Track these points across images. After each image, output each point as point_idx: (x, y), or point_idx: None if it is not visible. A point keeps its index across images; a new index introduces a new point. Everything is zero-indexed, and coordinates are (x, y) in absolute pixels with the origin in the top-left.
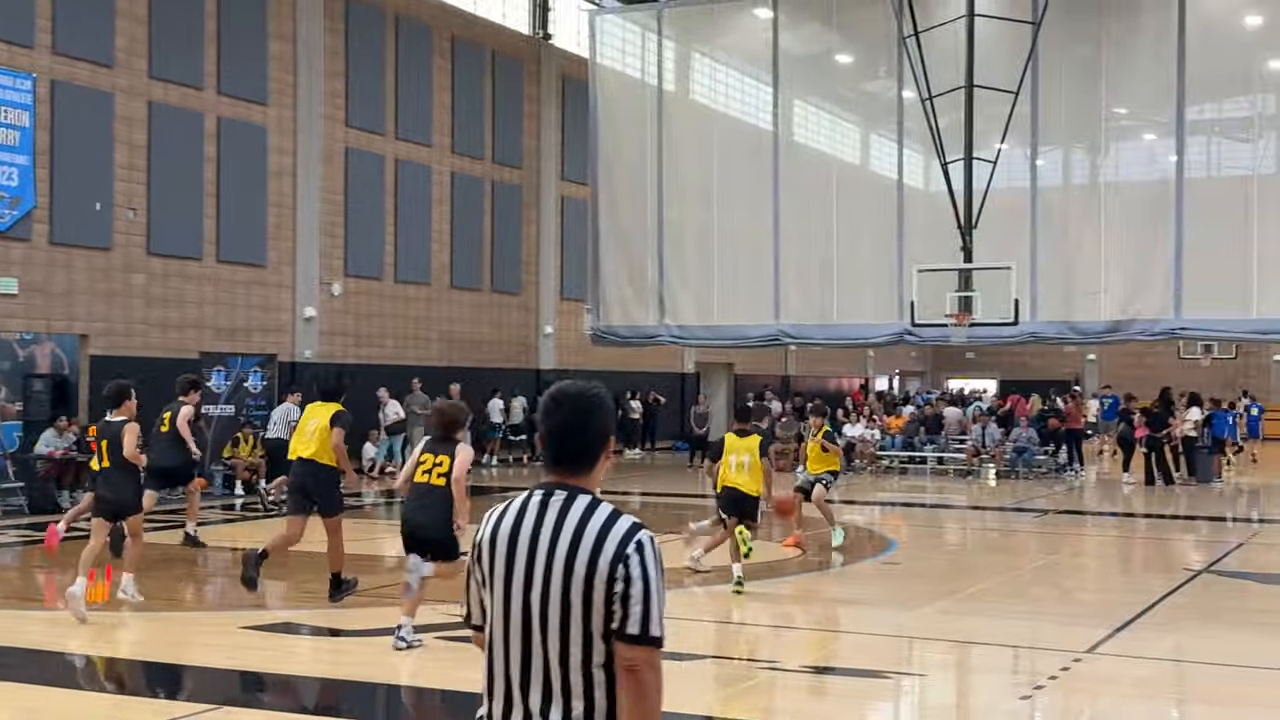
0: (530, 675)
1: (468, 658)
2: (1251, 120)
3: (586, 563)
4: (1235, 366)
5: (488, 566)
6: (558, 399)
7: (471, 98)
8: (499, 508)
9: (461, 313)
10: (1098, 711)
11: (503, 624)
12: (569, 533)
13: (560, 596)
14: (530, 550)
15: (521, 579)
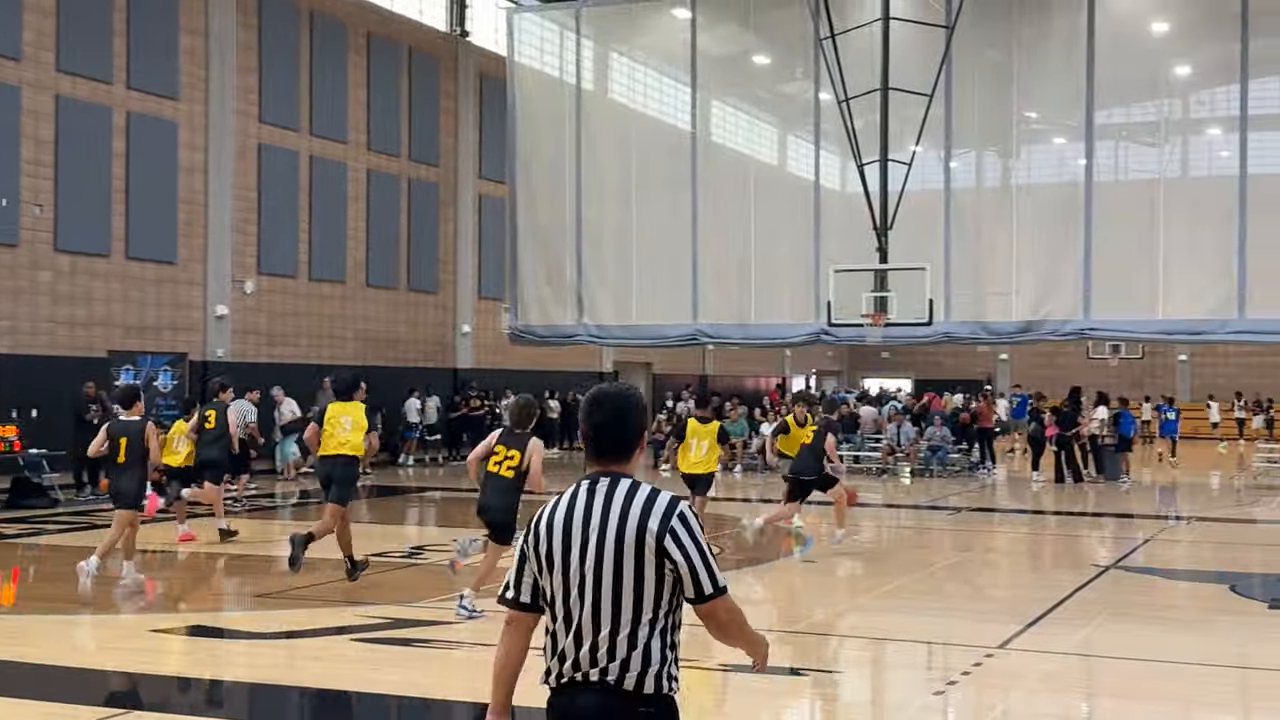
0: (591, 635)
1: (381, 660)
2: (1158, 125)
3: (635, 533)
4: (1142, 367)
5: (545, 550)
6: (599, 399)
7: (387, 95)
8: (550, 502)
9: (377, 311)
10: (1009, 706)
11: (563, 594)
12: (618, 510)
13: (614, 565)
14: (584, 528)
15: (578, 554)
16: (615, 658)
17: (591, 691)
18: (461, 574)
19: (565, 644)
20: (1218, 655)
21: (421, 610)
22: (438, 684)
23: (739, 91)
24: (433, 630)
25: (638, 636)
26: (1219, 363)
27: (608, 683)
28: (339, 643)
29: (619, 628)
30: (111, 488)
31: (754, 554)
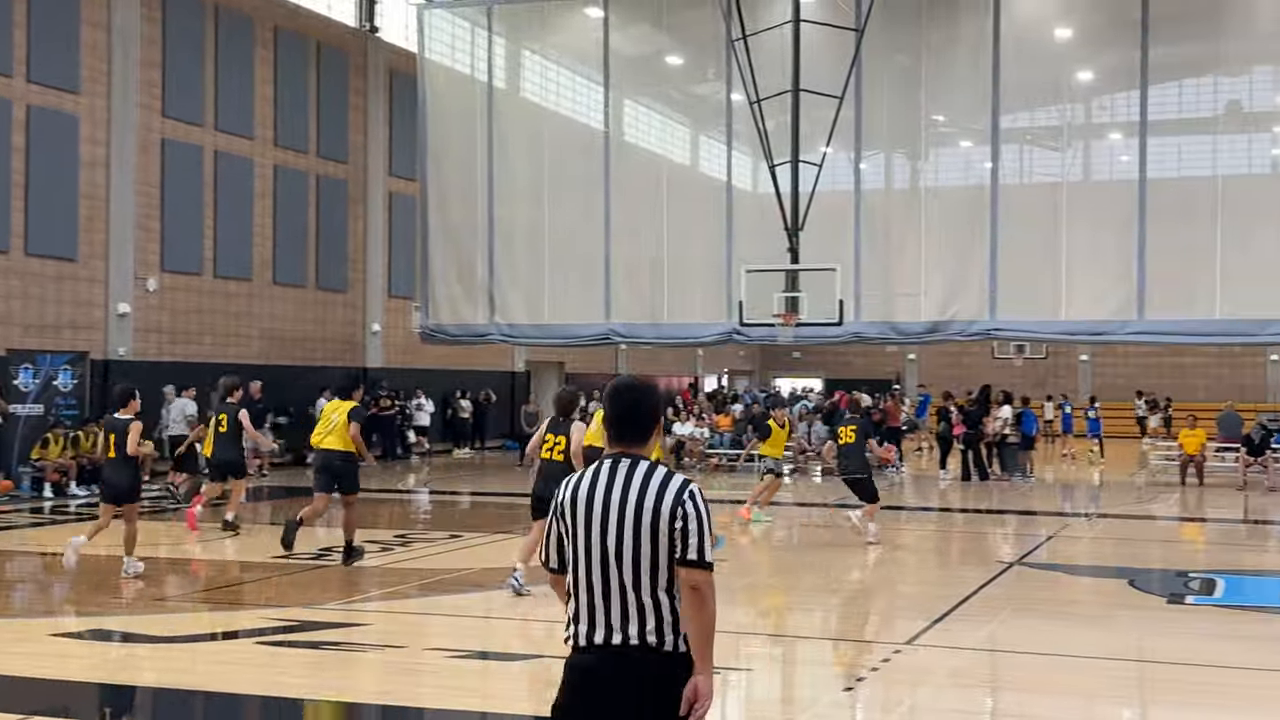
0: (610, 599)
1: (288, 663)
2: (1061, 129)
3: (652, 508)
4: (1046, 366)
5: (569, 520)
6: (619, 390)
7: (295, 90)
8: (573, 476)
9: (285, 310)
10: (917, 702)
11: (585, 562)
12: (636, 488)
13: (633, 536)
14: (605, 503)
15: (599, 526)
16: (635, 619)
17: (614, 650)
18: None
19: (587, 607)
20: (1118, 649)
21: (329, 613)
22: (346, 687)
23: (652, 91)
24: (340, 633)
25: (658, 600)
26: (1119, 363)
27: (629, 641)
28: (244, 646)
29: (639, 592)
30: (108, 482)
31: None
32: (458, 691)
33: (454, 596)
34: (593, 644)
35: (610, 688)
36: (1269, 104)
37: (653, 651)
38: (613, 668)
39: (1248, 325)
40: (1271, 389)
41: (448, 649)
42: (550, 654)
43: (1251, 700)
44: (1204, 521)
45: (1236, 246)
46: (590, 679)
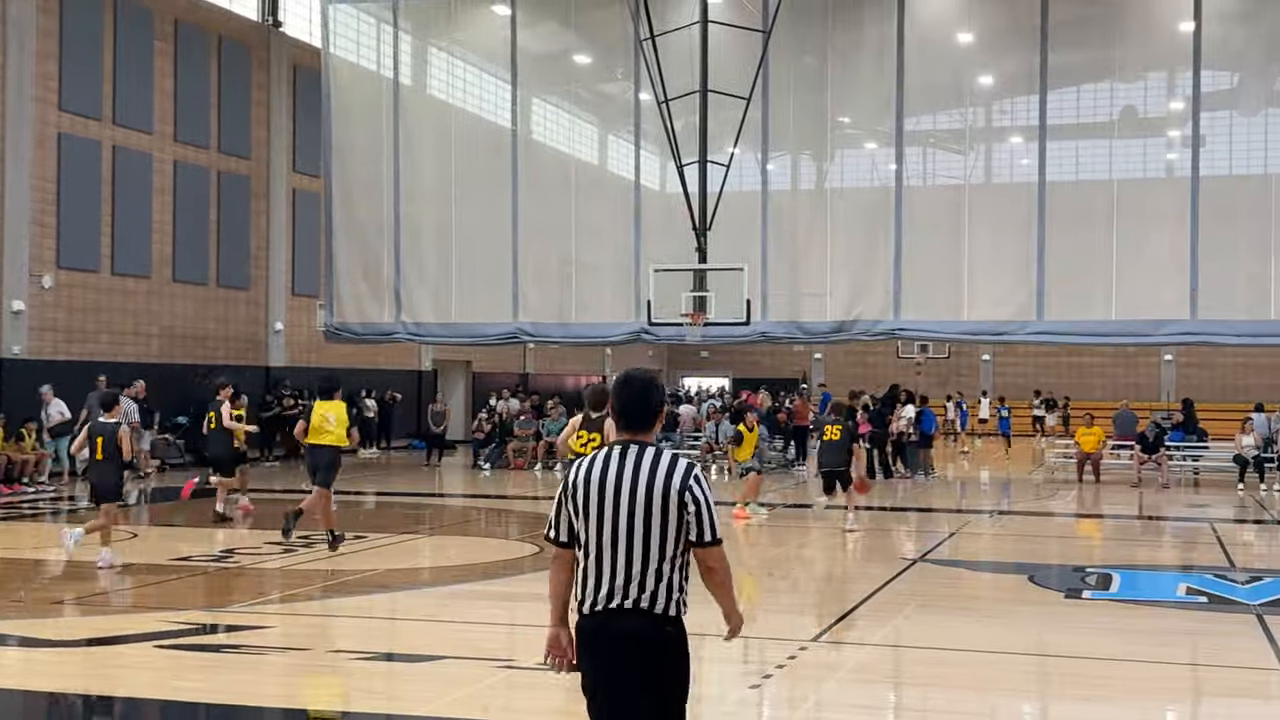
0: (619, 569)
1: (188, 667)
2: (963, 132)
3: (661, 491)
4: (949, 366)
5: (581, 500)
6: (627, 381)
7: (196, 85)
8: (584, 460)
9: (185, 308)
10: (822, 697)
11: (597, 537)
12: (645, 471)
13: (644, 515)
14: (617, 485)
15: (611, 505)
16: (645, 588)
17: (625, 614)
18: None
19: (599, 577)
20: (1017, 643)
21: (230, 615)
22: (249, 691)
23: (560, 90)
24: (242, 635)
25: (661, 571)
26: (1020, 362)
27: (640, 607)
28: (144, 650)
29: (648, 564)
30: (93, 481)
31: None
32: (362, 694)
33: (359, 598)
34: (600, 609)
35: (617, 646)
36: (1163, 110)
37: (653, 615)
38: (619, 629)
39: (1142, 326)
40: (1165, 388)
41: (352, 651)
42: (456, 655)
43: (1142, 692)
44: (1100, 518)
45: (1132, 249)
46: (600, 639)
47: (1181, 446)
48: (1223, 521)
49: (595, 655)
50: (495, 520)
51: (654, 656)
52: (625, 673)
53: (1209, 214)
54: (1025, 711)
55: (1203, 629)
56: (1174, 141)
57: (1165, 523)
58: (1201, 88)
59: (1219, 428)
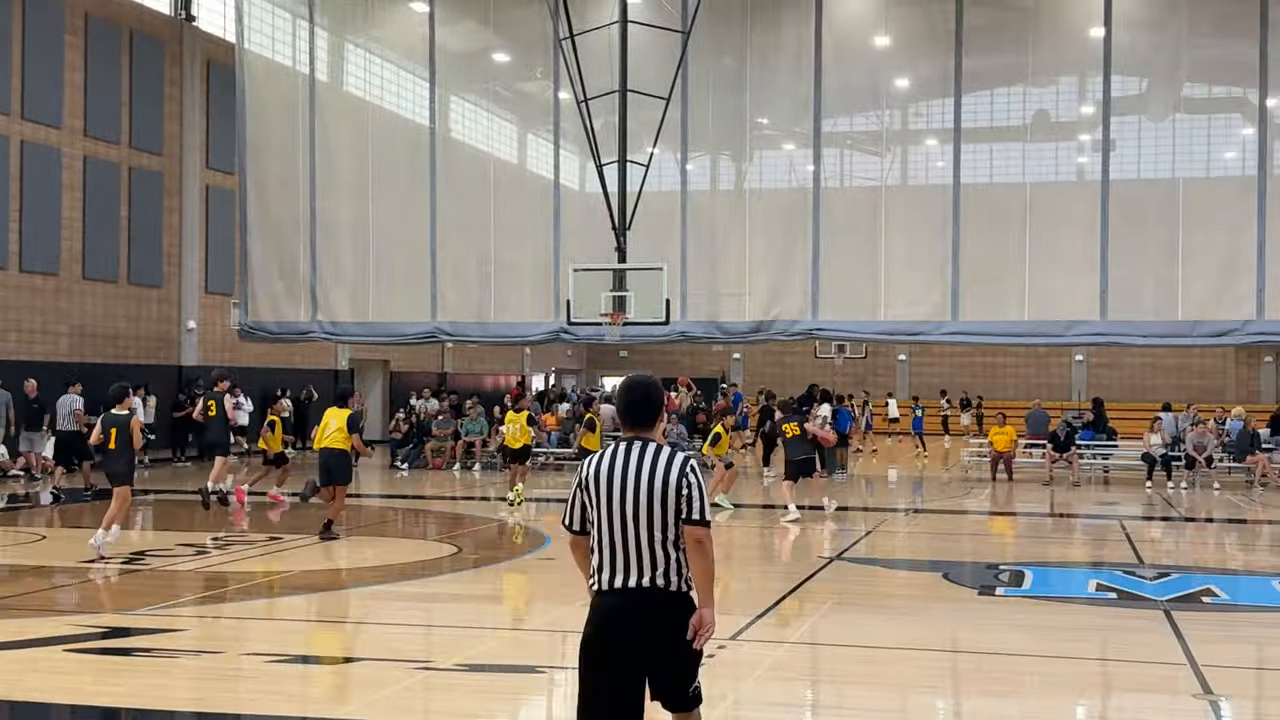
0: (629, 552)
1: (99, 670)
2: (880, 134)
3: (662, 480)
4: (865, 365)
5: (593, 489)
6: (631, 385)
7: (107, 79)
8: (595, 456)
9: (95, 305)
10: (740, 696)
11: (608, 523)
12: (648, 464)
13: (647, 502)
14: (623, 477)
15: (619, 494)
16: (655, 566)
17: (635, 590)
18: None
19: (614, 558)
20: (932, 640)
21: (142, 618)
22: (162, 695)
23: (479, 88)
24: (154, 639)
25: (666, 551)
26: (935, 362)
27: (644, 584)
28: (53, 654)
29: (653, 545)
30: (107, 469)
31: (491, 554)
32: (277, 697)
33: (273, 600)
34: (616, 587)
35: (629, 620)
36: (1074, 114)
37: (662, 592)
38: (632, 605)
39: (1053, 326)
40: (1076, 388)
41: (267, 653)
42: (372, 657)
43: (1053, 687)
44: (1013, 516)
45: (1044, 251)
46: (613, 615)
47: (1092, 445)
48: (1131, 519)
49: (605, 628)
50: (413, 521)
51: (663, 624)
52: (641, 640)
53: (1118, 217)
54: (939, 707)
55: (1112, 625)
56: (1085, 146)
57: (1076, 520)
58: (1112, 93)
59: (1128, 427)
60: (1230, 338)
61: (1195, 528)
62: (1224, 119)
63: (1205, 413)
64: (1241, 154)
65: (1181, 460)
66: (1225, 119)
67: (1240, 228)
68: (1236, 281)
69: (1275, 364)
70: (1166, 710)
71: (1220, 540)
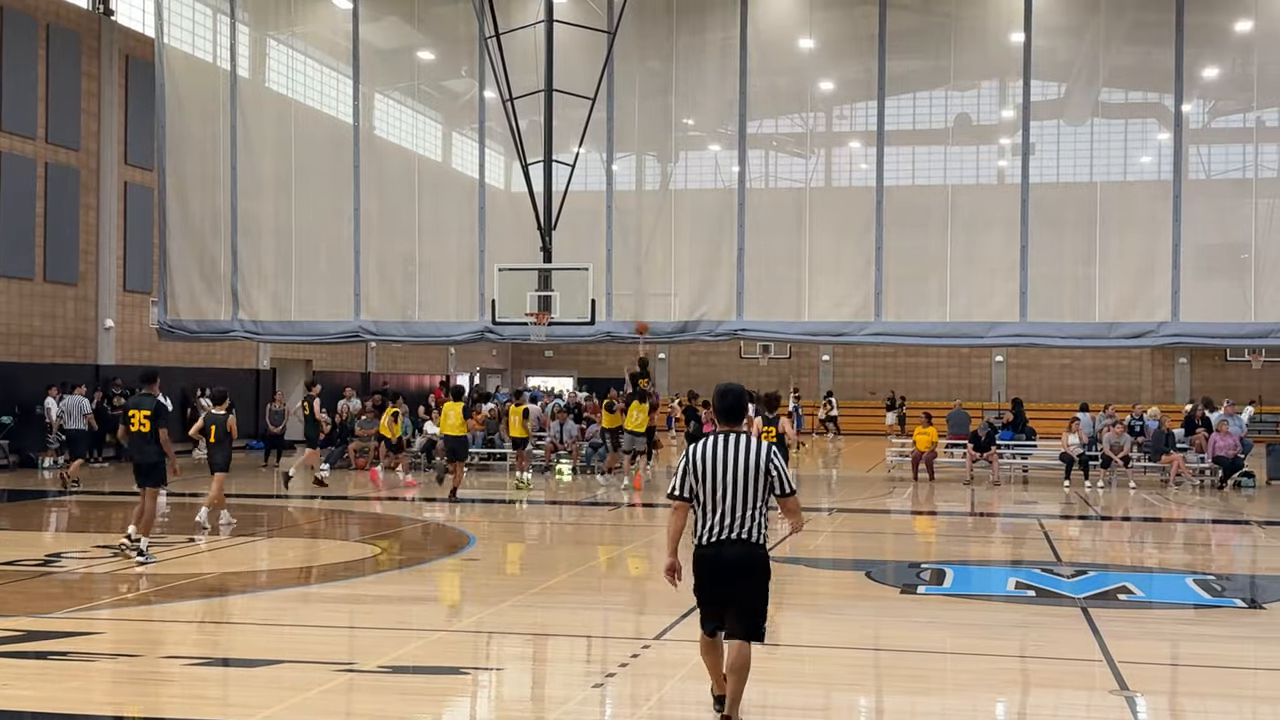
0: (729, 512)
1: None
2: (804, 136)
3: (754, 462)
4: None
5: (700, 469)
6: (726, 393)
7: (22, 72)
8: (699, 443)
9: (9, 303)
10: (665, 695)
11: (715, 493)
12: (744, 451)
13: (743, 477)
14: (725, 459)
15: (722, 471)
16: (744, 525)
17: (734, 542)
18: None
19: (717, 519)
20: (855, 638)
21: (58, 621)
22: (79, 699)
23: (403, 86)
24: (71, 642)
25: (756, 514)
26: (858, 362)
27: (742, 537)
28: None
29: (747, 509)
30: (211, 459)
31: (415, 554)
32: (197, 700)
33: (193, 602)
34: (720, 539)
35: (730, 563)
36: (994, 118)
37: (752, 542)
38: (732, 551)
39: (974, 327)
40: (996, 388)
41: (186, 656)
42: (294, 659)
43: (973, 684)
44: (935, 515)
45: (965, 253)
46: (718, 559)
47: (1011, 445)
48: (1050, 518)
49: (712, 570)
50: (335, 522)
51: (752, 565)
52: (737, 575)
53: (1038, 220)
54: (862, 704)
55: (1031, 622)
56: (1005, 149)
57: (996, 519)
58: (1031, 97)
59: (1046, 427)
60: (1146, 339)
61: (1112, 526)
62: (1140, 124)
63: (1121, 413)
64: (1158, 158)
65: (1098, 460)
66: (1142, 124)
67: (1156, 231)
68: (1153, 284)
69: (1189, 365)
70: (1084, 706)
71: (1136, 538)
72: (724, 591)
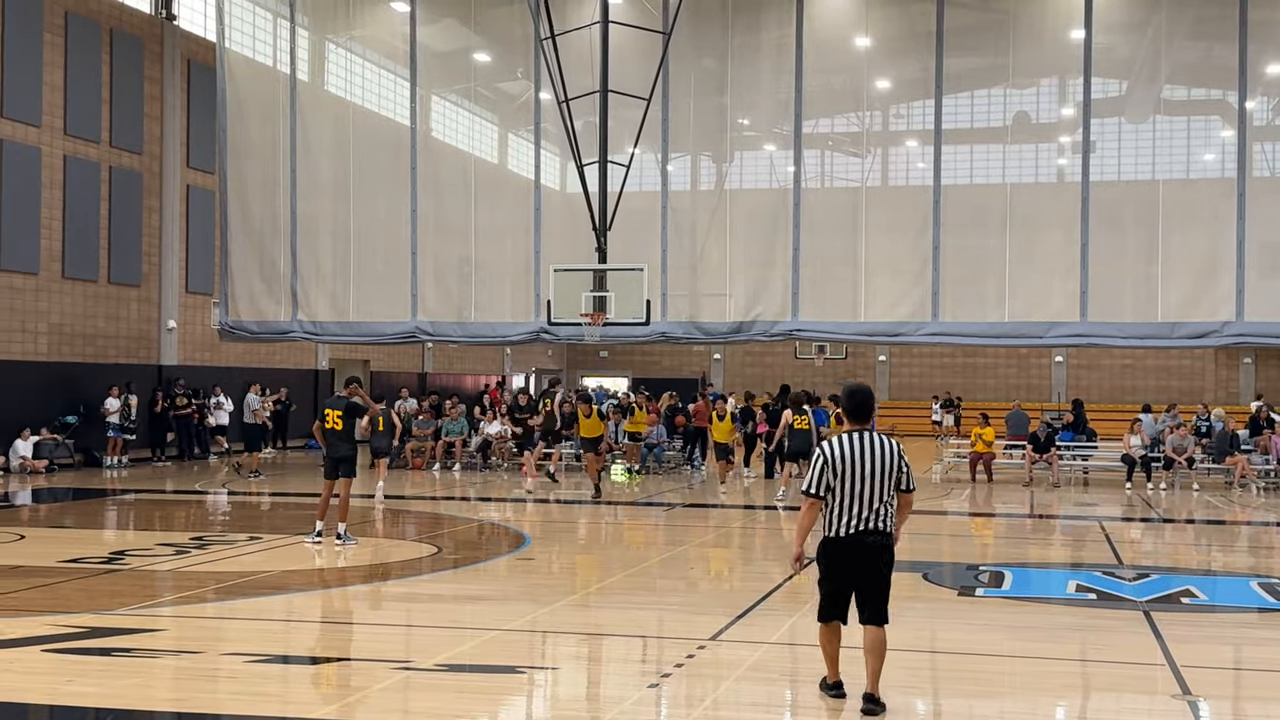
0: (864, 506)
1: (78, 671)
2: (860, 135)
3: (890, 459)
4: (846, 366)
5: (838, 466)
6: (855, 392)
7: (87, 78)
8: (834, 442)
9: (74, 305)
10: (720, 696)
11: (852, 488)
12: (879, 447)
13: (882, 473)
14: (862, 456)
15: (860, 467)
16: (882, 516)
17: (871, 533)
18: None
19: (854, 511)
20: (912, 641)
21: (122, 618)
22: (141, 695)
23: (460, 88)
24: (135, 639)
25: (888, 506)
26: (915, 363)
27: (874, 528)
28: (30, 654)
29: (881, 502)
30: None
31: (472, 554)
32: (256, 697)
33: (253, 600)
34: (855, 530)
35: (863, 552)
36: (1054, 115)
37: (883, 534)
38: (865, 542)
39: (1034, 327)
40: (1056, 389)
41: (247, 654)
42: (352, 657)
43: (1032, 687)
44: (993, 517)
45: (1024, 252)
46: (852, 549)
47: (1071, 446)
48: (1111, 520)
49: (844, 559)
50: (393, 521)
51: (889, 553)
52: (873, 564)
53: (1098, 219)
54: (919, 708)
55: (1092, 625)
56: (1065, 147)
57: (1056, 521)
58: (1092, 95)
59: (1107, 428)
60: (1209, 339)
61: (1174, 529)
62: (1203, 121)
63: (1186, 414)
64: (1221, 156)
65: (1160, 461)
66: (1204, 121)
67: (1219, 229)
68: (1216, 283)
69: (1254, 365)
70: (1145, 711)
71: (1199, 541)
72: (862, 578)
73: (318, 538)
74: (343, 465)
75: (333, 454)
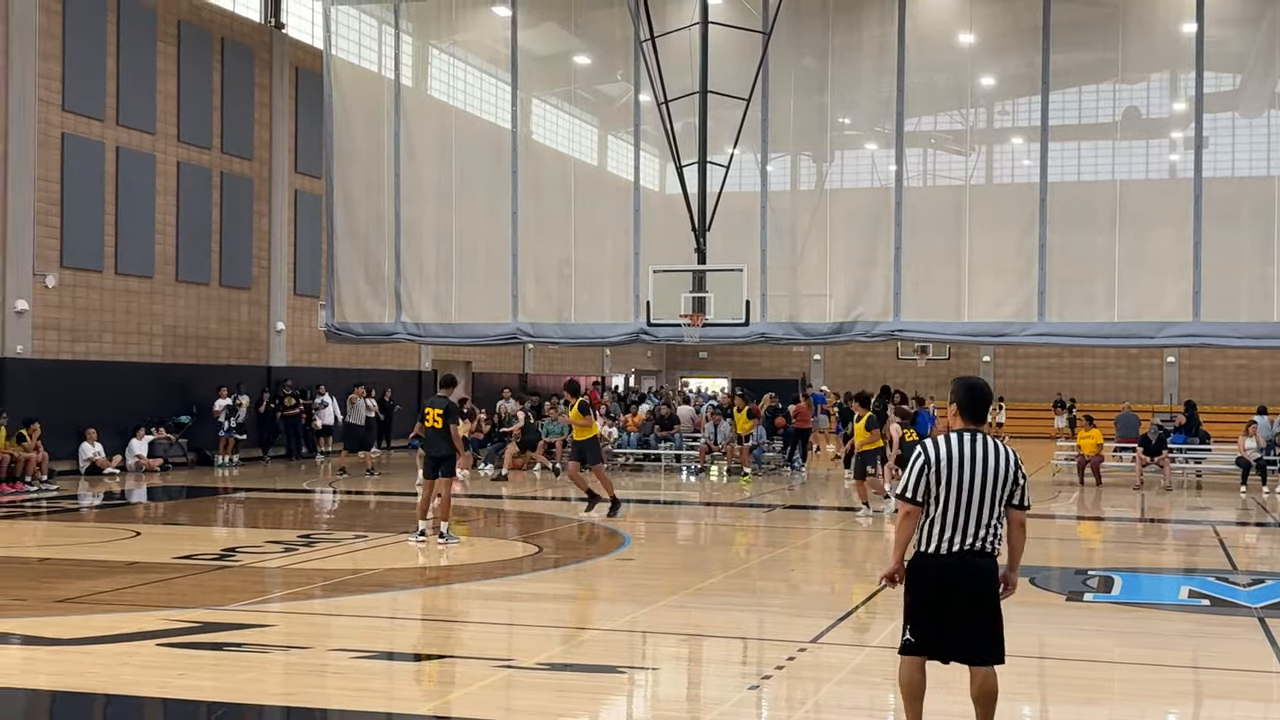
0: (970, 520)
1: (191, 665)
2: (964, 133)
3: (1005, 468)
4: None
5: (941, 471)
6: (971, 388)
7: (199, 85)
8: (933, 443)
9: (187, 308)
10: (821, 699)
11: (956, 496)
12: (992, 453)
13: (992, 483)
14: (972, 461)
15: (969, 474)
16: (988, 535)
17: (976, 553)
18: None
19: (956, 525)
20: (1019, 646)
21: (233, 614)
22: (253, 689)
23: (560, 91)
24: (245, 634)
25: (998, 524)
26: (1020, 363)
27: (984, 549)
28: (146, 648)
29: (990, 517)
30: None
31: (572, 553)
32: (363, 693)
33: (359, 597)
34: (965, 549)
35: (976, 577)
36: (1165, 111)
37: (988, 554)
38: (977, 564)
39: (1145, 327)
40: (1168, 390)
41: (353, 649)
42: (455, 654)
43: (1142, 694)
44: (1102, 520)
45: (1134, 250)
46: (962, 571)
47: (1184, 449)
48: (1225, 524)
49: (959, 580)
50: (494, 521)
51: (992, 581)
52: (983, 590)
53: (1211, 216)
54: (1025, 713)
55: (1205, 631)
56: (1176, 143)
57: (1167, 525)
58: (1204, 90)
59: (1221, 430)
60: None
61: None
62: None
63: None
64: None
65: (1277, 464)
66: None
67: None
68: None
69: None
70: (1260, 719)
71: None
72: (962, 607)
73: (421, 536)
74: (443, 465)
75: (432, 453)
